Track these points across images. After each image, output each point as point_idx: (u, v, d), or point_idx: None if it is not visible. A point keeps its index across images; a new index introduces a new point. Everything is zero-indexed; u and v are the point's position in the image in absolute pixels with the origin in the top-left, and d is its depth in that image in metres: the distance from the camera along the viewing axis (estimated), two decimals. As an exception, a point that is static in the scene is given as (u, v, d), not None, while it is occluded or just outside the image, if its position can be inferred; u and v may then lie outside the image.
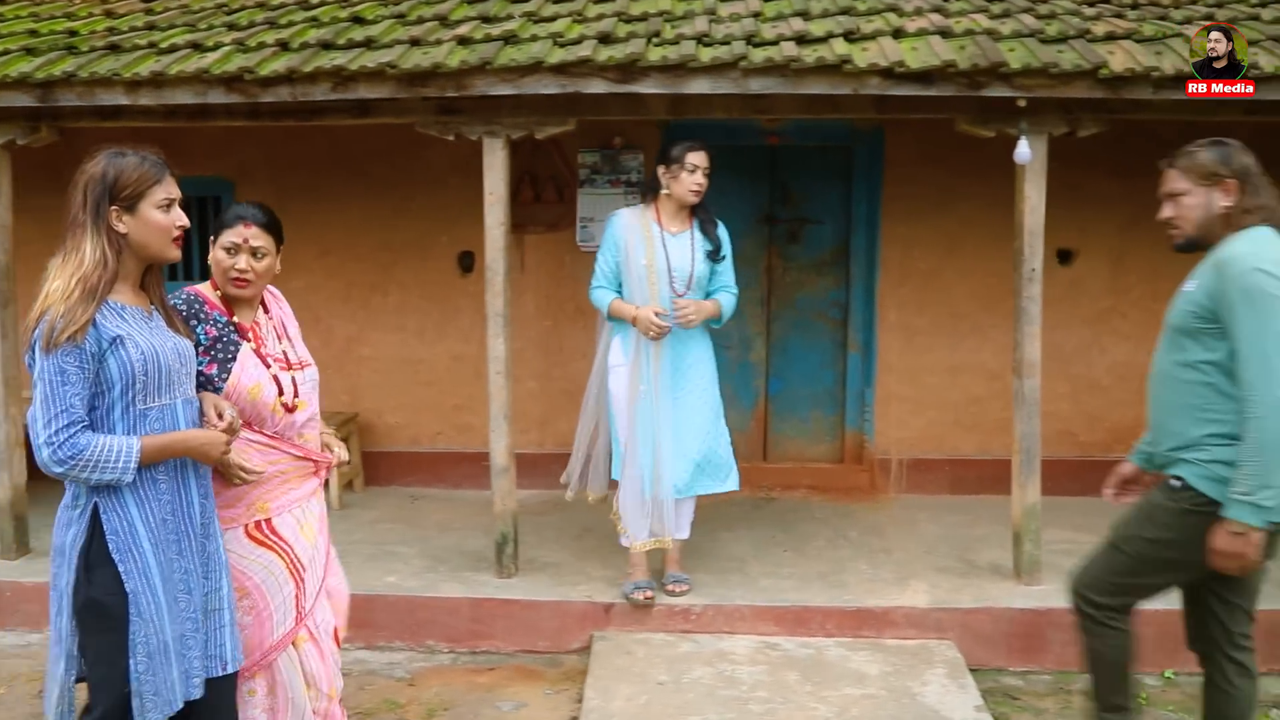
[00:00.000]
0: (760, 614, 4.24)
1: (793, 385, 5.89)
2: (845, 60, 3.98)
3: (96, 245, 2.27)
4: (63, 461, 2.22)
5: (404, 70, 4.07)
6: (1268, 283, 2.68)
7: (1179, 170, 2.92)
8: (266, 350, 2.75)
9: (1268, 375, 2.66)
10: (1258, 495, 2.66)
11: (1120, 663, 3.14)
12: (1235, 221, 2.84)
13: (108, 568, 2.31)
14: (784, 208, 5.83)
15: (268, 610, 2.73)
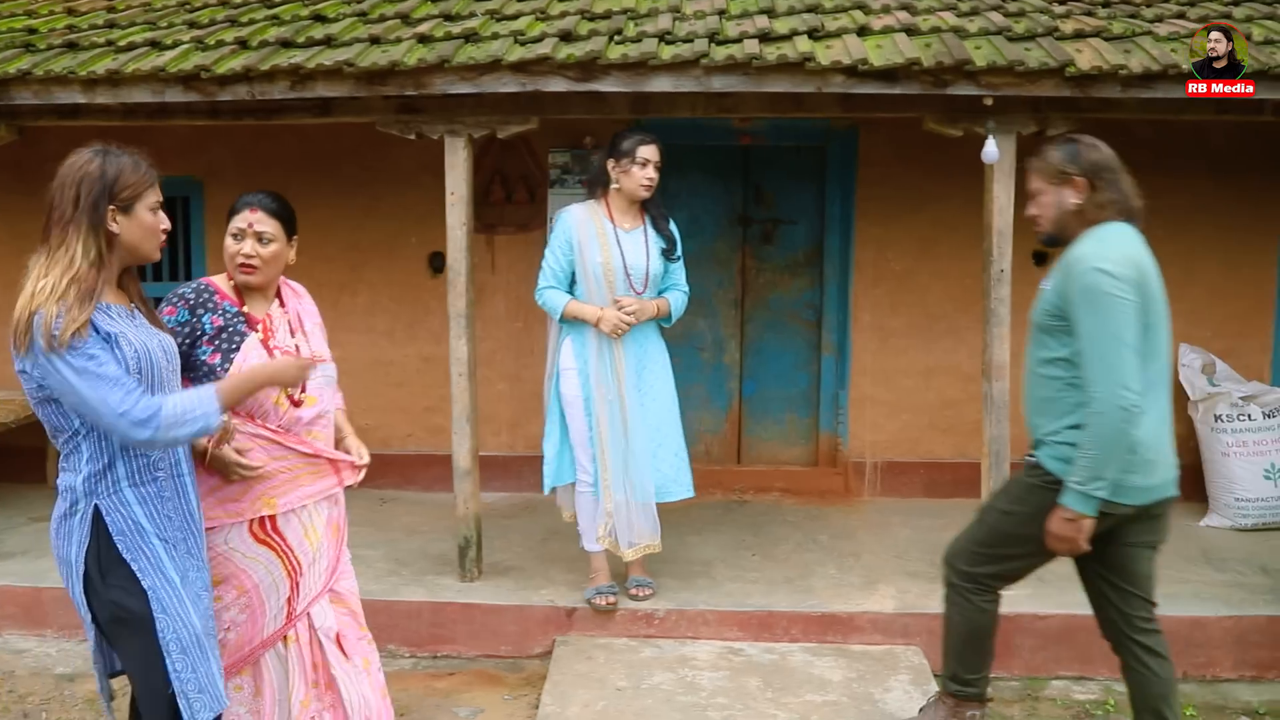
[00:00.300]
0: (724, 619, 4.19)
1: (767, 387, 5.84)
2: (807, 58, 3.93)
3: (91, 245, 2.24)
4: (145, 423, 2.20)
5: (361, 69, 4.02)
6: (1106, 283, 2.77)
7: (1034, 170, 3.03)
8: (275, 342, 2.72)
9: (1105, 373, 2.77)
10: (1090, 485, 2.80)
11: (972, 639, 3.24)
12: (1089, 217, 2.94)
13: (121, 568, 2.30)
14: (757, 208, 5.78)
15: (262, 609, 2.71)
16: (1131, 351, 2.78)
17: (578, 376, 4.09)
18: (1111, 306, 2.77)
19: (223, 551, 2.68)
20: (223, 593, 2.68)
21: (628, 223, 4.12)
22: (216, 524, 2.66)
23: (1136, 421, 2.79)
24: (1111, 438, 2.78)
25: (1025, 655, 4.10)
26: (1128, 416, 2.77)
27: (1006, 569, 3.20)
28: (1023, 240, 5.33)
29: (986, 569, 3.18)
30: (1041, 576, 4.42)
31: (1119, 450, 2.80)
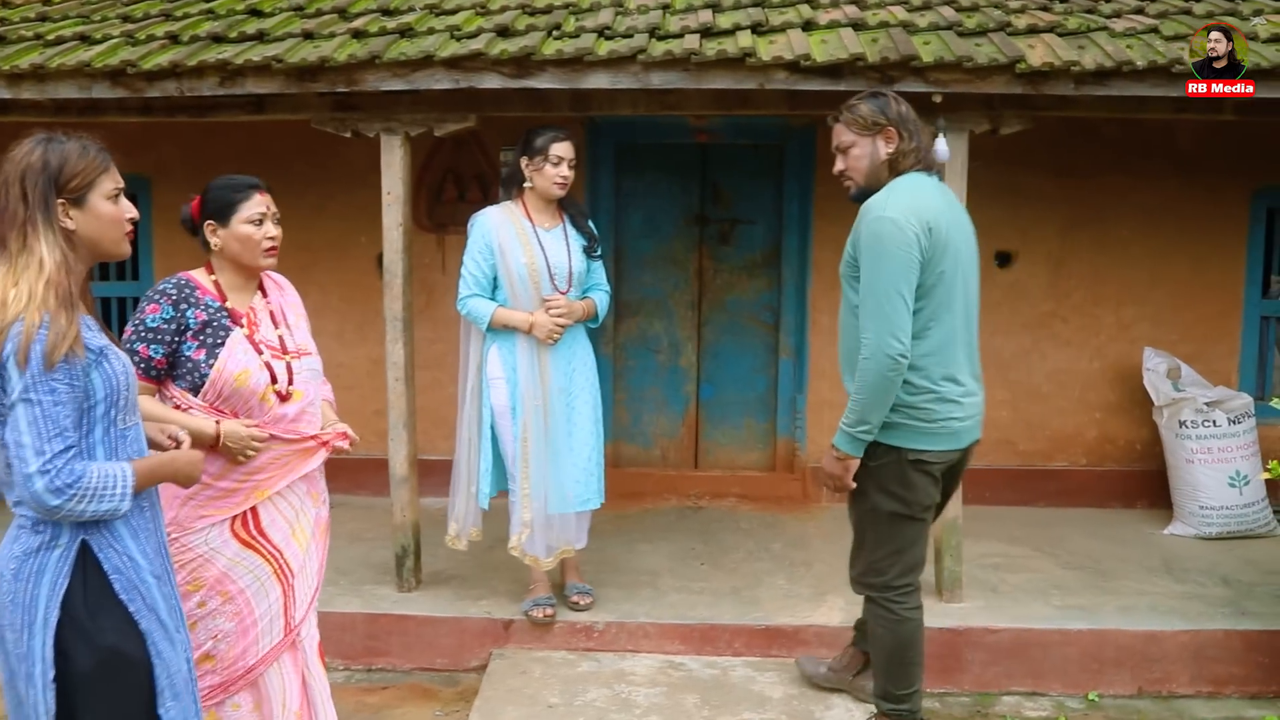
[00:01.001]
0: (666, 632, 4.07)
1: (724, 391, 5.71)
2: (748, 53, 3.81)
3: (54, 245, 1.99)
4: (60, 491, 1.93)
5: (290, 65, 3.90)
6: (888, 231, 2.87)
7: (844, 123, 3.11)
8: (260, 336, 2.64)
9: (876, 320, 2.87)
10: (857, 429, 2.96)
11: (899, 651, 3.23)
12: (896, 167, 3.05)
13: (115, 610, 2.06)
14: (715, 207, 5.65)
15: (252, 618, 2.59)
16: (904, 303, 2.87)
17: (506, 385, 3.95)
18: (891, 255, 2.86)
19: (204, 554, 2.56)
20: (205, 598, 2.56)
21: (547, 221, 3.99)
22: (198, 525, 2.56)
23: (902, 371, 2.89)
24: (877, 384, 2.89)
25: (976, 670, 3.99)
26: (894, 365, 2.87)
27: (906, 557, 3.20)
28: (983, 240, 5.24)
29: (892, 568, 3.18)
30: (995, 588, 4.35)
31: (885, 396, 2.92)
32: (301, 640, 2.73)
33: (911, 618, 3.23)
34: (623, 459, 5.74)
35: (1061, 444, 5.45)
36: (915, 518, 3.14)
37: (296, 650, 2.73)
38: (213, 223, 2.64)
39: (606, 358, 5.68)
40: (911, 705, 3.28)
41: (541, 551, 4.01)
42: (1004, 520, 5.17)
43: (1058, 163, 5.21)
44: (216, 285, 2.66)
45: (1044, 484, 5.41)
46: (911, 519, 3.14)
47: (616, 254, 5.64)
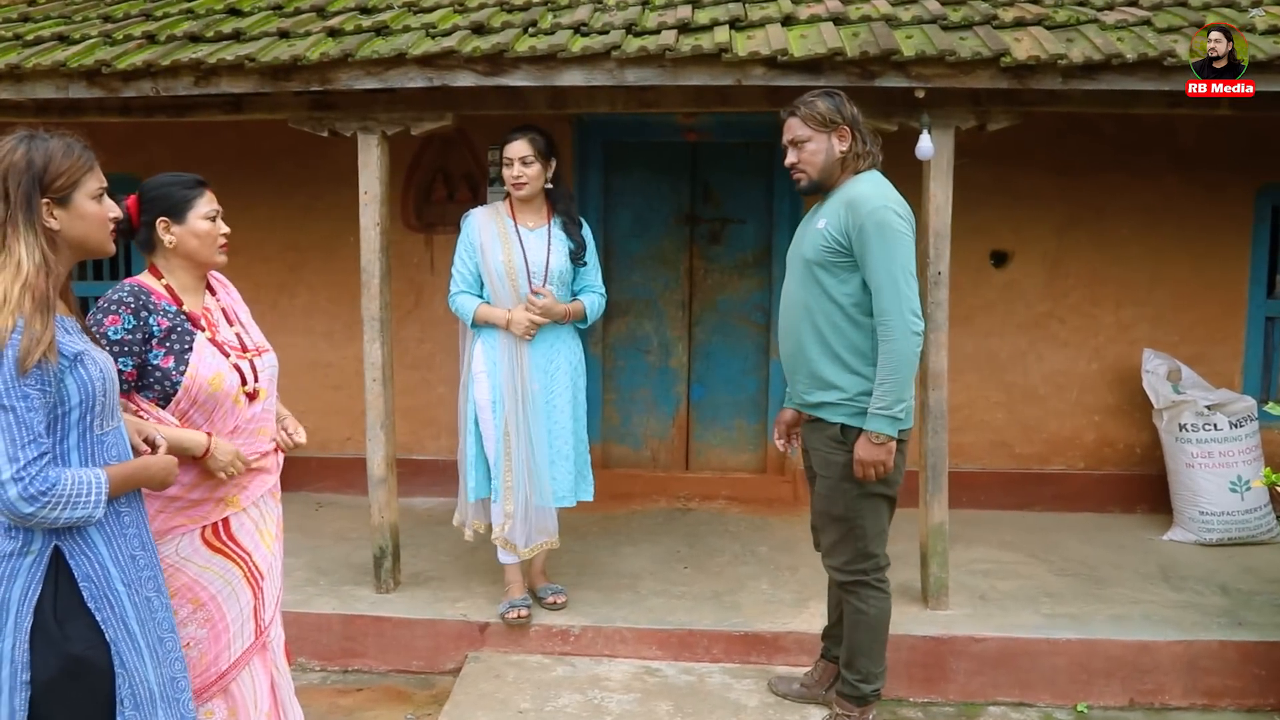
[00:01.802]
0: (643, 636, 4.01)
1: (715, 392, 5.64)
2: (724, 49, 3.73)
3: (34, 246, 1.94)
4: (34, 499, 1.90)
5: (263, 63, 3.87)
6: (894, 219, 3.04)
7: (800, 119, 3.19)
8: (221, 338, 2.58)
9: (898, 300, 3.01)
10: (894, 409, 3.04)
11: (882, 627, 3.36)
12: (851, 165, 3.19)
13: (83, 618, 2.03)
14: (705, 207, 5.57)
15: (224, 623, 2.56)
16: (916, 282, 3.07)
17: (488, 379, 3.98)
18: (900, 240, 3.03)
19: (174, 563, 2.50)
20: (177, 606, 2.50)
21: (531, 221, 4.00)
22: (169, 534, 2.50)
23: (921, 346, 3.06)
24: (908, 361, 3.03)
25: (961, 679, 3.89)
26: (917, 342, 3.03)
27: (885, 535, 3.34)
28: (978, 239, 5.16)
29: (879, 547, 3.30)
30: (984, 595, 4.25)
31: (912, 372, 3.07)
32: (270, 641, 2.72)
33: (890, 594, 3.38)
34: (612, 460, 5.68)
35: (1059, 447, 5.33)
36: (892, 498, 3.31)
37: (266, 651, 2.71)
38: (165, 220, 2.54)
39: (596, 358, 5.62)
40: (883, 681, 3.43)
41: (521, 541, 4.01)
42: (998, 525, 5.07)
43: (1054, 160, 5.10)
44: (169, 289, 2.56)
45: (1040, 488, 5.29)
46: (890, 498, 3.30)
47: (606, 253, 5.56)
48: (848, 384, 3.15)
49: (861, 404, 3.12)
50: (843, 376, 3.16)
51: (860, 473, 3.12)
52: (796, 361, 3.28)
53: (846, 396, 3.16)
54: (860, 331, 3.13)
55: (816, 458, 3.30)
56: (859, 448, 3.11)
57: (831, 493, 3.26)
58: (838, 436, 3.19)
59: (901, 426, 3.11)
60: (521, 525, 3.98)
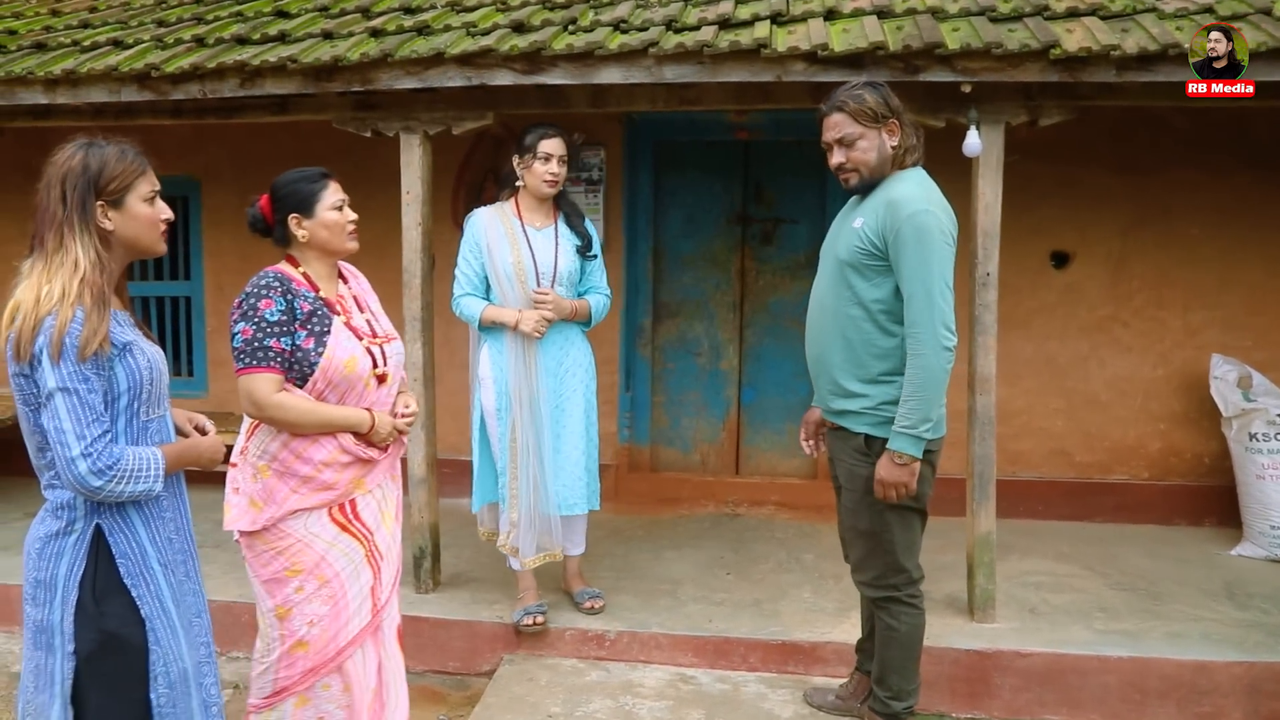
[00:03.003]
0: (679, 643, 3.94)
1: (767, 395, 5.54)
2: (762, 45, 3.66)
3: (89, 245, 2.08)
4: (101, 473, 2.04)
5: (305, 64, 3.92)
6: (934, 224, 2.83)
7: (849, 114, 2.99)
8: (354, 323, 2.70)
9: (930, 312, 2.81)
10: (919, 428, 2.87)
11: (917, 642, 3.21)
12: (899, 161, 3.00)
13: (120, 596, 2.15)
14: (757, 207, 5.49)
15: (345, 600, 2.65)
16: (951, 294, 2.86)
17: (494, 386, 3.90)
18: (938, 248, 2.83)
19: (303, 538, 2.62)
20: (304, 582, 2.62)
21: (538, 220, 3.91)
22: (300, 512, 2.62)
23: (953, 362, 2.87)
24: (936, 378, 2.85)
25: (1006, 696, 3.74)
26: (949, 357, 2.85)
27: (916, 549, 3.18)
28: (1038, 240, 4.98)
29: (909, 561, 3.14)
30: (1034, 608, 4.09)
31: (941, 390, 2.88)
32: (382, 623, 2.79)
33: (924, 610, 3.23)
34: (660, 463, 5.62)
35: (1122, 456, 5.11)
36: (922, 510, 3.14)
37: (378, 633, 2.78)
38: (297, 216, 2.69)
39: (645, 360, 5.58)
40: (917, 698, 3.27)
41: (528, 550, 3.95)
42: (1054, 536, 4.88)
43: (1119, 156, 4.89)
44: (306, 277, 2.70)
45: (1101, 498, 5.08)
46: (919, 511, 3.13)
47: (655, 254, 5.54)
48: (872, 393, 3.00)
49: (886, 413, 2.96)
50: (867, 385, 3.01)
51: (880, 493, 2.96)
52: (820, 366, 3.15)
53: (870, 405, 3.00)
54: (889, 339, 2.96)
55: (841, 469, 3.17)
56: (880, 466, 2.95)
57: (857, 506, 3.13)
58: (861, 448, 3.05)
59: (931, 438, 2.95)
60: (526, 533, 3.91)
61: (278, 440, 2.63)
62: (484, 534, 4.15)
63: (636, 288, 5.53)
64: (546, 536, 3.95)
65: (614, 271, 5.43)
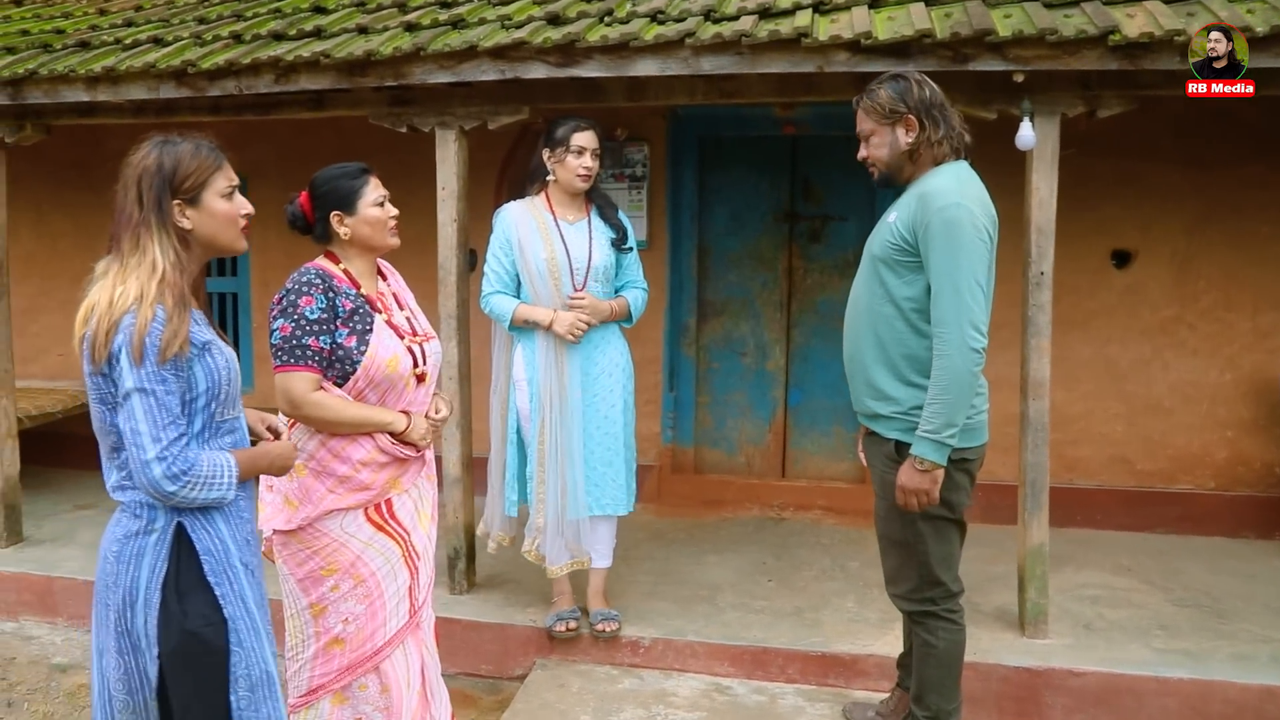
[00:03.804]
0: (715, 652, 3.82)
1: (814, 397, 5.39)
2: (802, 34, 3.52)
3: (167, 245, 2.03)
4: (177, 478, 1.99)
5: (338, 59, 3.88)
6: (966, 219, 2.69)
7: (863, 110, 2.94)
8: (395, 321, 2.68)
9: (958, 312, 2.68)
10: (943, 433, 2.71)
11: (955, 659, 3.05)
12: (925, 155, 2.87)
13: (202, 594, 2.09)
14: (805, 203, 5.34)
15: (381, 600, 2.63)
16: (983, 293, 2.73)
17: (528, 388, 3.77)
18: (970, 244, 2.70)
19: (339, 538, 2.60)
20: (339, 581, 2.60)
21: (571, 215, 3.76)
22: (336, 512, 2.59)
23: (982, 365, 2.72)
24: (962, 381, 2.69)
25: (1057, 716, 3.58)
26: (977, 360, 2.70)
27: (954, 561, 3.02)
28: (1098, 238, 4.76)
29: (945, 574, 2.99)
30: (1089, 624, 3.90)
31: (968, 394, 2.72)
32: (422, 621, 2.76)
33: (964, 625, 3.06)
34: (705, 465, 5.51)
35: (1186, 464, 4.87)
36: (958, 520, 2.98)
37: (418, 631, 2.76)
38: (339, 213, 2.66)
39: (689, 359, 5.47)
40: (958, 717, 3.09)
41: (555, 558, 3.84)
42: (1113, 547, 4.67)
43: (1185, 150, 4.66)
44: (347, 274, 2.66)
45: (1164, 508, 4.85)
46: (955, 522, 2.97)
47: (700, 252, 5.42)
48: (903, 396, 2.84)
49: (918, 419, 2.80)
50: (898, 387, 2.85)
51: (900, 500, 2.79)
52: (854, 365, 3.00)
53: (901, 410, 2.85)
54: (921, 340, 2.81)
55: (874, 475, 3.02)
56: (901, 472, 2.79)
57: (889, 515, 2.97)
58: (892, 454, 2.89)
59: (961, 445, 2.79)
60: (553, 540, 3.80)
61: (315, 439, 2.59)
62: (497, 542, 3.99)
63: (681, 286, 5.42)
64: (575, 543, 3.83)
65: (658, 269, 5.34)
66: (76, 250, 5.95)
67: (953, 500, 2.89)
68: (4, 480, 4.80)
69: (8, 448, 4.80)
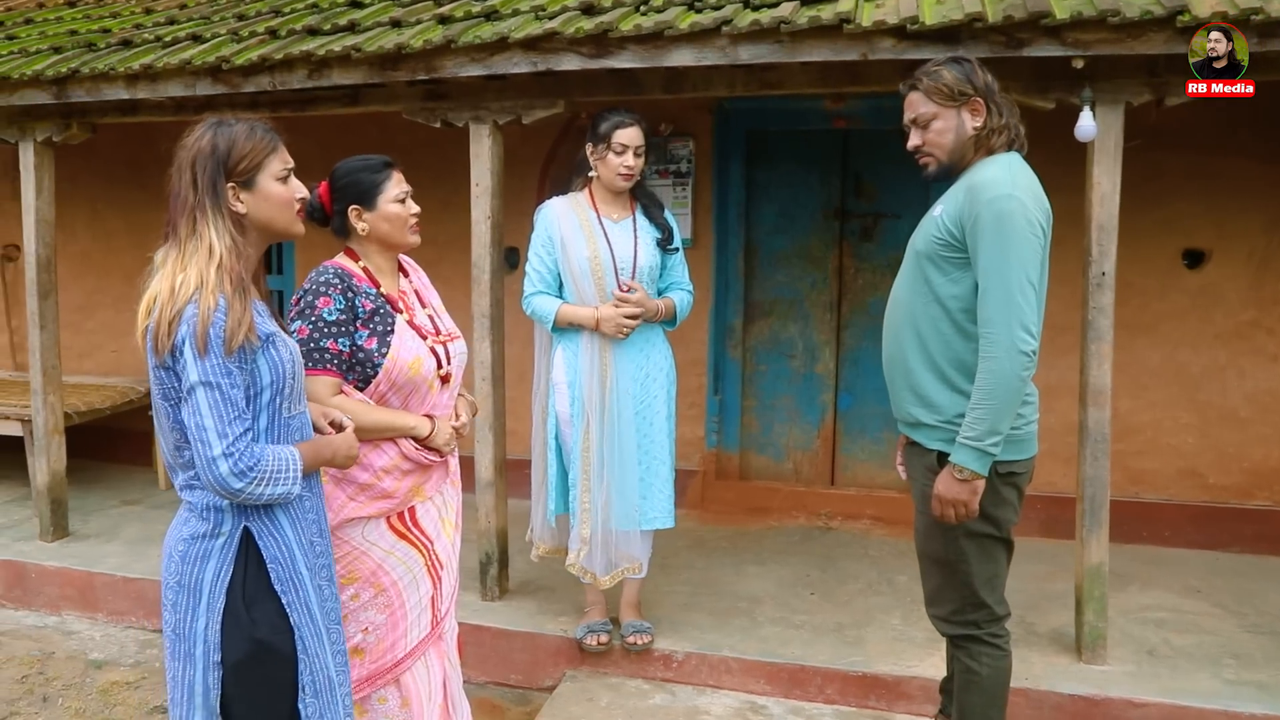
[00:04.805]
0: (750, 669, 3.66)
1: (865, 401, 5.18)
2: (845, 20, 3.34)
3: (223, 230, 1.98)
4: (243, 474, 1.92)
5: (369, 53, 3.81)
6: (1018, 212, 2.51)
7: (923, 93, 2.71)
8: (417, 320, 2.60)
9: (1008, 312, 2.49)
10: (985, 441, 2.52)
11: (1001, 688, 2.83)
12: (984, 144, 2.67)
13: (270, 602, 2.04)
14: (856, 200, 5.14)
15: (402, 610, 2.56)
16: (1034, 292, 2.53)
17: (569, 391, 3.61)
18: (1021, 240, 2.50)
19: (359, 546, 2.52)
20: (359, 590, 2.53)
21: (615, 213, 3.61)
22: (357, 520, 2.52)
23: (1033, 371, 2.53)
24: (1009, 386, 2.50)
25: (1116, 749, 3.34)
26: (1027, 364, 2.51)
27: (999, 583, 2.81)
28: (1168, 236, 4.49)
29: (990, 596, 2.77)
30: (1153, 650, 3.65)
31: (1015, 400, 2.52)
32: (445, 633, 2.69)
33: (1010, 650, 2.84)
34: (750, 471, 5.34)
35: (1263, 479, 4.55)
36: (1005, 539, 2.77)
37: (441, 643, 2.68)
38: (358, 207, 2.56)
39: (735, 361, 5.30)
40: None
41: (600, 569, 3.68)
42: (1182, 566, 4.39)
43: (1265, 142, 4.35)
44: (367, 272, 2.57)
45: (1238, 526, 4.53)
46: (1001, 540, 2.76)
47: (747, 250, 5.25)
48: (947, 403, 2.64)
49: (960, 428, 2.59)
50: (941, 393, 2.65)
51: (937, 510, 2.60)
52: (894, 369, 2.80)
53: (944, 419, 2.65)
54: (968, 342, 2.61)
55: (914, 488, 2.81)
56: (939, 481, 2.60)
57: (929, 531, 2.76)
58: (934, 466, 2.68)
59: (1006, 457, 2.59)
60: (600, 552, 3.64)
61: None
62: (540, 552, 3.86)
63: (727, 286, 5.25)
64: (620, 552, 3.67)
65: (703, 268, 5.18)
66: (130, 247, 6.00)
67: (999, 517, 2.67)
68: (50, 475, 4.84)
69: (54, 443, 4.84)
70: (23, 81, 4.33)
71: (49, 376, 4.81)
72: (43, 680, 3.97)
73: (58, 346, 4.86)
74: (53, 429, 4.84)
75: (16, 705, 3.76)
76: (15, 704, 3.77)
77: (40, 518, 4.87)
